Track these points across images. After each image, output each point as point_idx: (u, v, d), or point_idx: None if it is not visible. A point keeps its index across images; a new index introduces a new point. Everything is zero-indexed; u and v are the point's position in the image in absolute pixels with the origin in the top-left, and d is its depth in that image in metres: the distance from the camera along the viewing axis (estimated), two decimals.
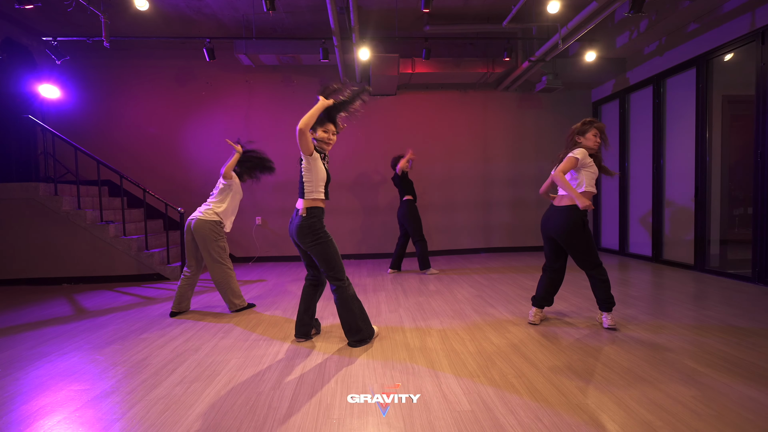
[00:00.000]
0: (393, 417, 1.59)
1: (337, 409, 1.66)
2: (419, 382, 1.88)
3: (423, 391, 1.80)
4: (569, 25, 4.08)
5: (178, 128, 5.71)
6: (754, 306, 3.01)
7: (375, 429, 1.51)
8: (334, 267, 2.29)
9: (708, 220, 4.28)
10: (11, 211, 4.43)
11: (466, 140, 6.08)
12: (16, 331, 2.82)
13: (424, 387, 1.83)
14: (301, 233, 2.27)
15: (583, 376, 1.91)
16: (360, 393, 1.79)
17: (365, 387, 1.84)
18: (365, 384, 1.87)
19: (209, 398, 1.78)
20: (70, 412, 1.69)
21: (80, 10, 4.34)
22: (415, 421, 1.56)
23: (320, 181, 2.28)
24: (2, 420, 1.64)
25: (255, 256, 5.86)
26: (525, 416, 1.57)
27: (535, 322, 2.68)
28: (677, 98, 4.67)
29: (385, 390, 1.78)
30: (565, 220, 2.44)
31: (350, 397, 1.75)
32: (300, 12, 4.83)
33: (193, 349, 2.40)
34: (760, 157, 3.66)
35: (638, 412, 1.58)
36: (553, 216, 2.52)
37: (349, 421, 1.57)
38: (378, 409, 1.65)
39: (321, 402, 1.72)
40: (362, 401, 1.72)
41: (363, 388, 1.84)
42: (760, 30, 3.59)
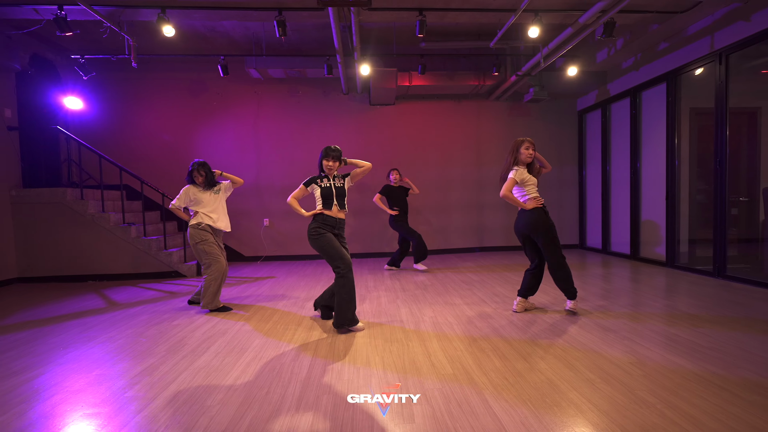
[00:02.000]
0: (390, 371, 2.01)
1: (347, 373, 2.08)
2: (413, 355, 2.30)
3: (415, 360, 2.22)
4: (550, 46, 4.51)
5: (191, 136, 6.13)
6: (709, 297, 3.44)
7: (376, 381, 1.93)
8: (330, 256, 2.79)
9: (678, 220, 4.71)
10: (41, 214, 4.84)
11: (461, 146, 6.51)
12: (61, 321, 3.23)
13: (416, 358, 2.25)
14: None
15: (546, 348, 2.34)
16: (363, 362, 2.20)
17: (368, 358, 2.26)
18: (368, 355, 2.29)
19: (242, 367, 2.20)
20: (130, 378, 2.10)
21: (100, 26, 4.75)
22: (409, 383, 1.98)
23: (318, 199, 2.90)
24: (78, 384, 2.05)
25: (263, 255, 6.27)
26: (495, 377, 1.99)
27: (519, 310, 3.12)
28: (651, 109, 5.10)
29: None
30: (530, 217, 2.94)
31: (354, 363, 2.17)
32: (306, 30, 5.25)
33: (220, 332, 2.82)
34: (719, 165, 4.09)
35: (583, 372, 2.00)
36: (521, 217, 3.04)
37: (355, 379, 1.99)
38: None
39: (333, 368, 2.14)
40: (365, 364, 2.13)
41: (366, 359, 2.26)
42: (719, 51, 4.03)
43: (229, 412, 1.72)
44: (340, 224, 2.93)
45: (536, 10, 3.86)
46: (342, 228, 2.95)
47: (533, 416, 1.63)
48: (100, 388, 1.98)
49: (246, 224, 6.23)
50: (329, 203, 2.86)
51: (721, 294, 3.52)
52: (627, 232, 5.56)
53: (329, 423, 1.62)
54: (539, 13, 3.88)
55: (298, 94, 6.24)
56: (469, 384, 1.93)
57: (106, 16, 3.76)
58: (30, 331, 2.95)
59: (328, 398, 1.83)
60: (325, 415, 1.68)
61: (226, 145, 6.15)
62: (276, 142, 6.19)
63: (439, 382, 1.95)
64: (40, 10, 3.61)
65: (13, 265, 4.83)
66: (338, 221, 2.90)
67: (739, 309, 3.05)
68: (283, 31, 3.76)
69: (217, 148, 6.15)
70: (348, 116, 6.29)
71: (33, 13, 3.65)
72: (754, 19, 3.68)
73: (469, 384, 1.93)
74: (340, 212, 2.91)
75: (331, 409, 1.73)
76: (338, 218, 2.89)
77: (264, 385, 1.98)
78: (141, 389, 1.96)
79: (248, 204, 6.21)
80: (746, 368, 2.02)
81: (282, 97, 6.23)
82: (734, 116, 4.11)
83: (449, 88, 5.95)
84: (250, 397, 1.85)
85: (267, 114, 6.23)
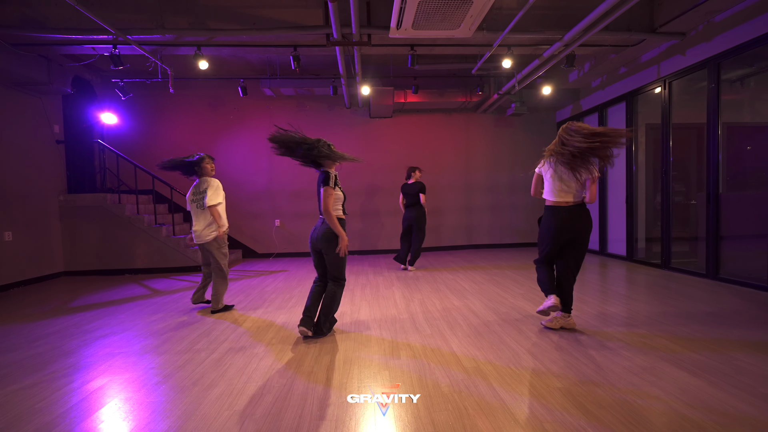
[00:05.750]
0: (385, 330, 2.75)
1: (353, 341, 2.83)
2: (402, 324, 3.05)
3: (404, 327, 2.96)
4: (524, 72, 5.27)
5: (211, 146, 6.88)
6: (652, 283, 4.18)
7: (371, 347, 2.67)
8: (341, 269, 2.77)
9: (636, 220, 5.46)
10: (84, 216, 5.60)
11: (452, 155, 7.26)
12: (121, 303, 3.98)
13: (404, 325, 3.00)
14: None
15: (508, 321, 3.08)
16: (365, 328, 2.95)
17: (369, 324, 3.01)
18: (369, 323, 3.04)
19: (277, 327, 2.94)
20: (200, 332, 2.85)
21: (143, 59, 5.51)
22: (399, 343, 2.72)
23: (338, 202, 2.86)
24: (161, 348, 2.80)
25: (275, 253, 7.03)
26: (464, 339, 2.74)
27: (554, 327, 2.78)
28: (615, 123, 5.85)
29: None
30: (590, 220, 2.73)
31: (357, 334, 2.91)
32: (314, 55, 5.99)
33: (252, 308, 3.56)
34: (664, 174, 4.84)
35: (531, 338, 2.75)
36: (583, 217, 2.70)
37: (354, 342, 2.74)
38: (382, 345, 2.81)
39: (344, 334, 2.89)
40: (369, 337, 2.88)
41: (367, 325, 3.00)
42: (663, 78, 4.77)
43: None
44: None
45: (508, 45, 4.60)
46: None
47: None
48: (177, 333, 2.74)
49: (259, 225, 6.97)
50: (344, 207, 2.82)
51: (662, 282, 4.27)
52: (597, 231, 6.30)
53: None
54: (511, 48, 4.62)
55: (306, 108, 6.99)
56: (444, 344, 2.68)
57: (151, 52, 4.51)
58: (101, 310, 3.70)
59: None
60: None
61: (242, 153, 6.90)
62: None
63: (421, 340, 2.70)
64: (97, 48, 4.36)
65: (60, 260, 5.58)
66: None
67: (670, 293, 3.80)
68: (297, 64, 4.51)
69: (234, 156, 6.90)
70: (350, 128, 7.04)
71: (91, 50, 4.40)
72: (688, 54, 4.43)
73: (444, 344, 2.68)
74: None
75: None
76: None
77: (294, 329, 2.73)
78: (203, 344, 2.71)
79: (261, 206, 6.96)
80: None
81: (292, 112, 6.99)
82: (684, 130, 4.85)
83: (440, 104, 6.71)
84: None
85: (278, 125, 6.96)
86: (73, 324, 3.29)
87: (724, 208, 4.13)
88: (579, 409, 1.78)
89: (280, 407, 1.88)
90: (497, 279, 4.62)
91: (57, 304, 4.03)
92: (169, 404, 1.94)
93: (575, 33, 4.09)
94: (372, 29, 4.18)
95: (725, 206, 4.13)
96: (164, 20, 4.11)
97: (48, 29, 4.01)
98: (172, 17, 4.14)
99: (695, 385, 1.99)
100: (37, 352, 2.67)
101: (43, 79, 4.84)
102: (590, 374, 2.12)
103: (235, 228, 6.95)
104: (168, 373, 2.29)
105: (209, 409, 1.88)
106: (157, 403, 1.96)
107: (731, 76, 4.16)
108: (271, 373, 2.24)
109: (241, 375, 2.23)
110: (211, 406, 1.91)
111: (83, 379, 2.26)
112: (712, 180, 4.19)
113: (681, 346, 2.48)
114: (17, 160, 4.96)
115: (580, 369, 2.19)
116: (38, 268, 5.21)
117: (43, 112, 5.37)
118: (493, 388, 2.00)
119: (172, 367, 2.37)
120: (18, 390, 2.14)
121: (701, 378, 2.06)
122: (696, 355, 2.34)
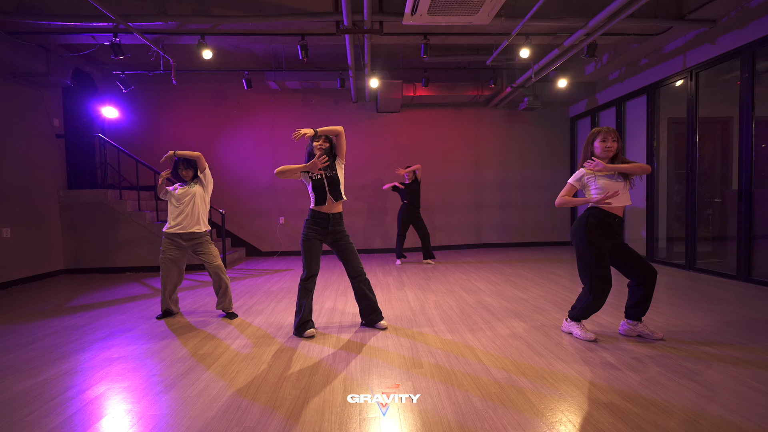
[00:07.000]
0: (402, 337, 2.56)
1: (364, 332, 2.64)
2: (418, 328, 2.85)
3: (423, 332, 2.77)
4: (540, 63, 5.04)
5: (213, 141, 6.70)
6: (676, 285, 3.97)
7: (391, 348, 2.48)
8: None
9: (657, 219, 5.24)
10: (85, 212, 5.42)
11: (461, 151, 7.05)
12: (121, 302, 3.80)
13: (422, 329, 2.81)
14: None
15: (524, 316, 2.89)
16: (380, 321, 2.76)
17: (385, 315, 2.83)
18: (386, 316, 2.86)
19: (290, 316, 2.76)
20: (204, 336, 2.67)
21: (144, 49, 5.31)
22: (419, 349, 2.53)
23: (311, 194, 2.64)
24: (163, 353, 2.62)
25: (279, 251, 6.84)
26: (486, 341, 2.54)
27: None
28: (634, 118, 5.62)
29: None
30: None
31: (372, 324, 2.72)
32: (321, 46, 5.79)
33: (257, 310, 3.38)
34: (689, 170, 4.62)
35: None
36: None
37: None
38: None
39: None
40: (383, 333, 2.69)
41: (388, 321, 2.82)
42: (690, 69, 4.54)
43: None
44: (335, 220, 2.62)
45: (527, 34, 4.38)
46: (338, 223, 2.65)
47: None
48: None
49: (263, 222, 6.79)
50: (322, 197, 2.58)
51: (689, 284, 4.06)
52: None
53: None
54: (530, 36, 4.40)
55: (311, 102, 6.79)
56: (465, 346, 2.48)
57: (153, 41, 4.32)
58: (101, 310, 3.53)
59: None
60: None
61: (245, 149, 6.71)
62: (291, 146, 6.74)
63: (442, 346, 2.50)
64: (97, 36, 4.17)
65: (60, 258, 5.42)
66: (332, 217, 2.61)
67: (700, 295, 3.59)
68: (305, 54, 4.31)
69: (237, 151, 6.71)
70: (357, 123, 6.84)
71: (91, 39, 4.21)
72: (719, 42, 4.20)
73: (466, 346, 2.48)
74: (336, 205, 2.62)
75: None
76: (332, 214, 2.61)
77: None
78: (208, 348, 2.53)
79: (265, 204, 6.78)
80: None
81: (296, 106, 6.79)
82: (707, 125, 4.62)
83: (450, 97, 6.49)
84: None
85: (282, 120, 6.78)
86: (71, 325, 3.11)
87: (757, 206, 3.91)
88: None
89: (292, 426, 1.69)
90: (513, 279, 4.42)
91: (55, 303, 3.86)
92: (173, 417, 1.76)
93: (599, 20, 3.87)
94: (384, 16, 3.98)
95: (759, 204, 3.91)
96: (167, 6, 3.92)
97: (46, 16, 3.82)
98: (175, 3, 3.95)
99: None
100: (30, 356, 2.50)
101: (41, 70, 4.66)
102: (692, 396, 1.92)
103: (239, 225, 6.78)
104: (171, 381, 2.11)
105: (216, 425, 1.70)
106: (160, 416, 1.78)
107: (758, 68, 3.92)
108: (281, 382, 2.06)
109: (249, 386, 2.05)
110: (218, 421, 1.73)
111: (80, 386, 2.07)
112: (744, 176, 3.96)
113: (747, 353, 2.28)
114: (16, 154, 4.79)
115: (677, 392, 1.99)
116: (37, 265, 5.05)
117: (43, 106, 5.20)
118: (531, 403, 1.81)
119: (176, 374, 2.19)
120: (7, 399, 1.96)
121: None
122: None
